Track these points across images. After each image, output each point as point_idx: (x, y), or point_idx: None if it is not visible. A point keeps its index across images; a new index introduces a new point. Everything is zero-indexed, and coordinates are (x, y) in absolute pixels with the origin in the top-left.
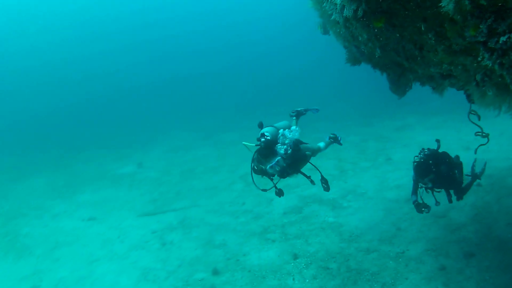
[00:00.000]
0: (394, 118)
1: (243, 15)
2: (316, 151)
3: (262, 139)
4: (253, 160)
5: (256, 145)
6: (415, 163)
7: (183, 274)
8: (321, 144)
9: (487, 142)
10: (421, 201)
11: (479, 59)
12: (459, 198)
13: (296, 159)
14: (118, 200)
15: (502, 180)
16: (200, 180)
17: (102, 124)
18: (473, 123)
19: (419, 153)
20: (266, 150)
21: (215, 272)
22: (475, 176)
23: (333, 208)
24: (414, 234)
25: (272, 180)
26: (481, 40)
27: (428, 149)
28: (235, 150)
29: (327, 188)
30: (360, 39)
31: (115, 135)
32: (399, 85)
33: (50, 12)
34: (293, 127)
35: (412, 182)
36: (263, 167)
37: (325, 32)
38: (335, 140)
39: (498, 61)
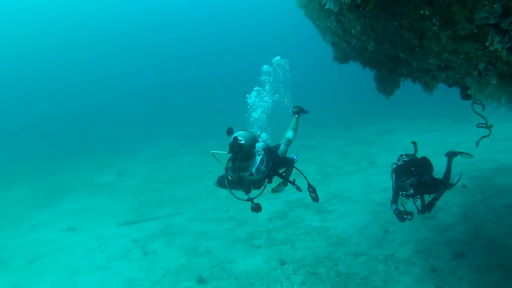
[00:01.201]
0: (379, 122)
1: (229, 21)
2: (291, 142)
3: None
4: (227, 170)
5: (229, 152)
6: (394, 167)
7: (167, 284)
8: (290, 135)
9: (489, 133)
10: (402, 209)
11: (487, 44)
12: (426, 210)
13: (277, 162)
14: (99, 209)
15: (488, 180)
16: (183, 188)
17: (85, 132)
18: (477, 113)
19: (398, 160)
20: (237, 152)
21: (201, 281)
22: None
23: (318, 212)
24: (402, 236)
25: (248, 193)
26: (493, 22)
27: (406, 155)
28: None
29: (315, 198)
30: (353, 32)
31: (98, 143)
32: (388, 83)
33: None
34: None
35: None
36: (246, 174)
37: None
38: (300, 111)
39: (508, 45)
